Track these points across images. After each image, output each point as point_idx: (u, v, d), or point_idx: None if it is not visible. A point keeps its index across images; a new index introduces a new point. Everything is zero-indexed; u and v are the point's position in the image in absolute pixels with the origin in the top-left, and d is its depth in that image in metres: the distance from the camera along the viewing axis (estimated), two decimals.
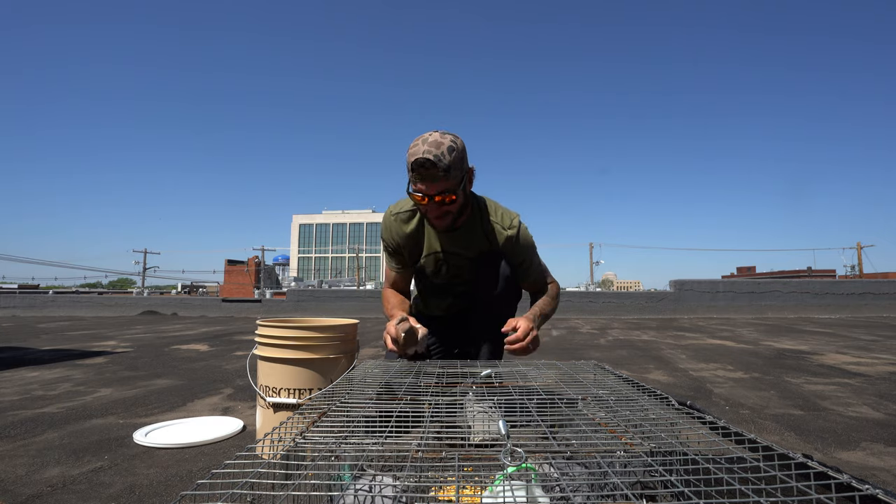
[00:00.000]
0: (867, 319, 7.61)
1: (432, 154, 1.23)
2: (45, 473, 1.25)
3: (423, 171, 1.25)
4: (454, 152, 1.27)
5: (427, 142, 1.26)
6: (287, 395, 1.26)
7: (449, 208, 1.34)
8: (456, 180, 1.29)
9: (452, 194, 1.30)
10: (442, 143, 1.26)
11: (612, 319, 8.09)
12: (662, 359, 3.42)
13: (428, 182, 1.27)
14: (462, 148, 1.31)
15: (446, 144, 1.26)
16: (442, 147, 1.25)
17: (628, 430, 0.68)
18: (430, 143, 1.25)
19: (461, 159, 1.30)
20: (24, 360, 3.36)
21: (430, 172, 1.25)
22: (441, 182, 1.27)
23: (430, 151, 1.24)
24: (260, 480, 0.47)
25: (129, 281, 63.16)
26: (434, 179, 1.26)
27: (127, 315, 9.46)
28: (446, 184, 1.28)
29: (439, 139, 1.26)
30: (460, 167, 1.30)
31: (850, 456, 1.40)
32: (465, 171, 1.34)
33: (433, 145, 1.25)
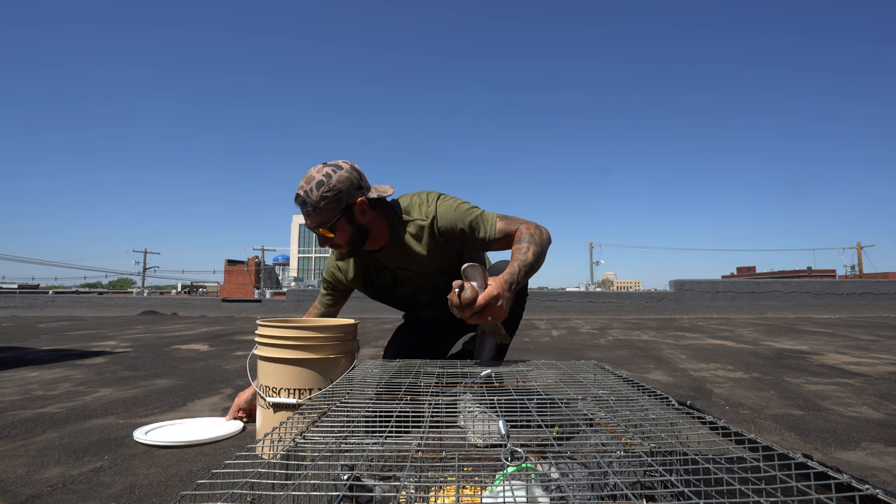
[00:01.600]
0: (867, 319, 7.61)
1: (302, 190, 1.29)
2: (45, 473, 1.25)
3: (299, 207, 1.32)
4: (323, 187, 1.27)
5: (305, 177, 1.31)
6: (287, 395, 1.26)
7: (334, 240, 1.35)
8: (329, 214, 1.30)
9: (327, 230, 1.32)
10: (313, 177, 1.29)
11: (612, 319, 8.08)
12: (662, 359, 3.42)
13: (305, 216, 1.33)
14: (340, 179, 1.29)
15: (316, 179, 1.28)
16: (311, 182, 1.28)
17: (628, 430, 0.67)
18: (306, 178, 1.30)
19: (335, 192, 1.28)
20: (24, 360, 3.36)
21: (302, 208, 1.30)
22: (313, 217, 1.30)
23: (301, 187, 1.29)
24: (260, 480, 0.47)
25: (129, 281, 63.15)
26: (307, 215, 1.31)
27: (127, 315, 9.45)
28: (318, 218, 1.30)
29: (313, 174, 1.29)
30: (334, 200, 1.29)
31: (850, 456, 1.40)
32: (347, 204, 1.31)
33: (306, 181, 1.29)
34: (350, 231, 1.34)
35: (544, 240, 1.31)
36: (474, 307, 1.08)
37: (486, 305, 1.09)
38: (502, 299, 1.12)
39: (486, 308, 1.10)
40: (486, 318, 1.11)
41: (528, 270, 1.23)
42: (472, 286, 1.09)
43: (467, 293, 1.07)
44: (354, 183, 1.32)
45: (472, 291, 1.08)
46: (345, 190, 1.30)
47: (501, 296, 1.12)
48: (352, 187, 1.31)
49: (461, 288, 1.07)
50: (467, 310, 1.08)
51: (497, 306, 1.11)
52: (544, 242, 1.30)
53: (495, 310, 1.11)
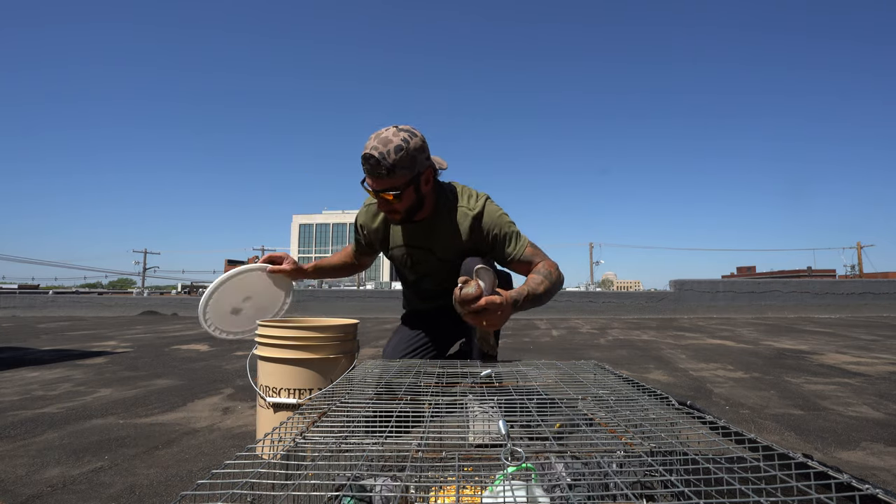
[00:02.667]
0: (867, 319, 7.61)
1: (377, 151, 1.23)
2: (45, 473, 1.25)
3: (367, 167, 1.26)
4: (401, 152, 1.24)
5: (378, 137, 1.25)
6: (287, 395, 1.26)
7: (395, 206, 1.33)
8: (402, 179, 1.28)
9: (393, 193, 1.29)
10: (391, 141, 1.24)
11: (612, 319, 8.08)
12: (662, 359, 3.42)
13: (373, 178, 1.28)
14: (416, 147, 1.27)
15: (394, 143, 1.24)
16: (389, 146, 1.24)
17: (628, 430, 0.67)
18: (380, 139, 1.25)
19: (411, 159, 1.26)
20: (24, 361, 3.36)
21: (374, 169, 1.25)
22: (385, 180, 1.27)
23: (376, 148, 1.24)
24: (260, 480, 0.47)
25: (129, 281, 63.15)
26: (378, 176, 1.26)
27: (127, 315, 9.45)
28: (390, 182, 1.27)
29: (390, 137, 1.25)
30: (409, 167, 1.27)
31: (850, 456, 1.40)
32: (418, 171, 1.30)
33: (381, 142, 1.24)
34: (412, 199, 1.34)
35: (557, 282, 1.37)
36: (475, 306, 1.10)
37: (486, 308, 1.11)
38: (502, 310, 1.15)
39: (486, 311, 1.12)
40: (481, 322, 1.13)
41: (533, 300, 1.29)
42: (479, 285, 1.10)
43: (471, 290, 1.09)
44: (425, 152, 1.32)
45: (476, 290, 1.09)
46: (418, 158, 1.29)
47: (503, 306, 1.15)
48: (423, 156, 1.31)
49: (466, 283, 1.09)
50: (467, 305, 1.10)
51: (496, 314, 1.13)
52: (557, 285, 1.36)
53: (493, 316, 1.13)
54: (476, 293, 1.09)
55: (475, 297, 1.09)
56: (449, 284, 1.40)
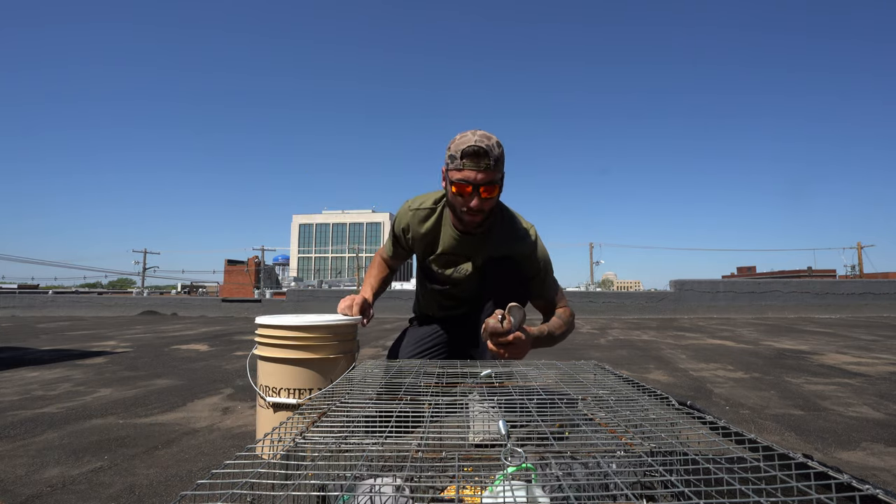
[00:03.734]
0: (867, 319, 7.61)
1: (484, 143, 1.27)
2: (44, 473, 1.25)
3: (474, 159, 1.28)
4: (501, 147, 1.32)
5: (477, 133, 1.30)
6: (287, 395, 1.26)
7: (488, 203, 1.34)
8: (499, 174, 1.33)
9: (496, 186, 1.32)
10: (491, 136, 1.31)
11: (613, 319, 8.08)
12: (662, 359, 3.42)
13: (477, 170, 1.29)
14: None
15: (495, 139, 1.31)
16: (492, 140, 1.30)
17: (628, 430, 0.67)
18: (479, 134, 1.29)
19: (503, 157, 1.34)
20: (23, 360, 3.36)
21: (480, 161, 1.28)
22: (490, 172, 1.29)
23: (482, 140, 1.27)
24: (260, 480, 0.47)
25: (128, 281, 63.17)
26: (483, 168, 1.29)
27: (127, 315, 9.45)
28: (493, 174, 1.30)
29: (488, 133, 1.31)
30: (503, 162, 1.34)
31: (851, 456, 1.40)
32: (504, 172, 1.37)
33: (483, 137, 1.29)
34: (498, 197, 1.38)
35: (571, 329, 1.48)
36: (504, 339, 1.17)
37: (513, 343, 1.18)
38: (525, 346, 1.23)
39: (512, 345, 1.19)
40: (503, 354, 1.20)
41: (547, 339, 1.38)
42: (510, 321, 1.18)
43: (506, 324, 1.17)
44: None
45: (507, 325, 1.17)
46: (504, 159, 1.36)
47: (527, 342, 1.23)
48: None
49: (503, 317, 1.17)
50: (496, 338, 1.17)
51: (519, 349, 1.21)
52: (570, 331, 1.48)
53: (517, 350, 1.20)
54: (507, 328, 1.16)
55: (505, 332, 1.16)
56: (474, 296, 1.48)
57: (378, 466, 0.77)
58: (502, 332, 1.15)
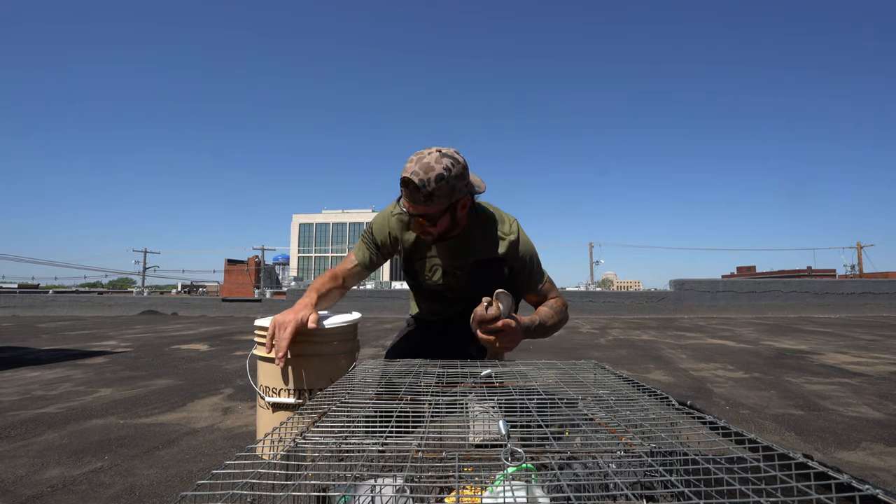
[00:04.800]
0: (867, 319, 7.61)
1: (417, 178, 1.21)
2: (45, 474, 1.25)
3: (406, 191, 1.25)
4: (441, 181, 1.22)
5: (420, 162, 1.23)
6: (287, 395, 1.26)
7: (429, 229, 1.33)
8: (439, 208, 1.27)
9: (429, 220, 1.29)
10: (433, 168, 1.22)
11: (612, 319, 8.08)
12: (662, 359, 3.42)
13: (409, 201, 1.26)
14: (457, 174, 1.26)
15: (436, 171, 1.21)
16: (430, 173, 1.21)
17: (628, 430, 0.67)
18: (422, 164, 1.22)
19: (450, 188, 1.25)
20: (24, 360, 3.36)
21: (412, 194, 1.23)
22: (421, 206, 1.25)
23: (417, 174, 1.21)
24: (260, 481, 0.47)
25: (129, 280, 63.12)
26: (415, 202, 1.25)
27: (127, 315, 9.45)
28: (426, 209, 1.26)
29: (432, 164, 1.22)
30: (447, 195, 1.25)
31: (851, 456, 1.40)
32: (455, 199, 1.29)
33: (423, 168, 1.22)
34: (447, 224, 1.34)
35: (564, 319, 1.46)
36: (492, 326, 1.16)
37: (502, 330, 1.17)
38: (515, 334, 1.21)
39: (502, 333, 1.17)
40: (494, 343, 1.19)
41: (542, 330, 1.36)
42: (499, 307, 1.16)
43: (493, 310, 1.15)
44: (464, 179, 1.30)
45: (496, 311, 1.15)
46: (457, 186, 1.28)
47: (516, 330, 1.21)
48: (462, 184, 1.30)
49: (489, 304, 1.15)
50: (485, 325, 1.16)
51: (509, 337, 1.19)
52: (563, 321, 1.45)
53: (506, 338, 1.19)
54: (495, 314, 1.14)
55: (493, 318, 1.14)
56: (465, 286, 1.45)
57: (378, 466, 0.77)
58: (489, 319, 1.14)
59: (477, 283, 1.44)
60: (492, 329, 1.16)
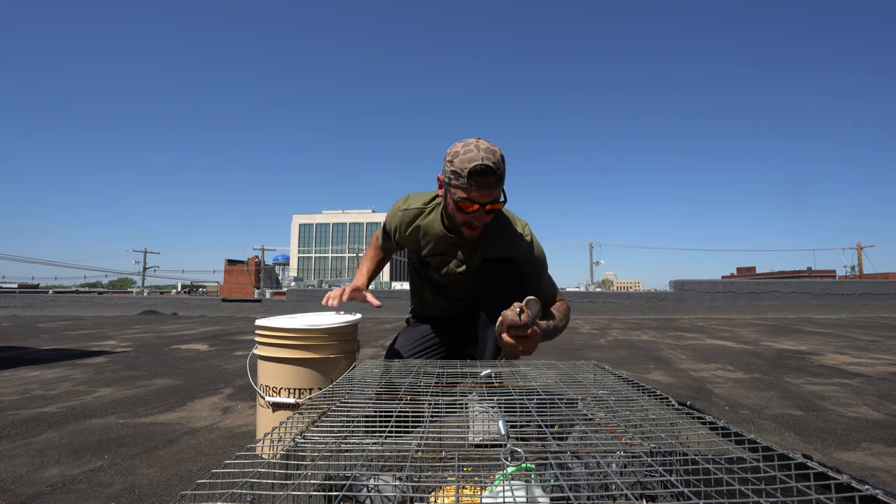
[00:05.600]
0: (867, 320, 7.61)
1: (491, 161, 1.21)
2: (44, 473, 1.25)
3: (481, 179, 1.22)
4: (504, 161, 1.27)
5: (481, 148, 1.23)
6: (287, 394, 1.26)
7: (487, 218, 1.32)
8: (501, 188, 1.29)
9: (499, 203, 1.30)
10: (496, 150, 1.25)
11: (612, 319, 8.08)
12: (662, 359, 3.42)
13: (483, 190, 1.24)
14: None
15: (499, 153, 1.25)
16: (497, 155, 1.24)
17: (628, 431, 0.67)
18: (484, 149, 1.22)
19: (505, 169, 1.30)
20: (23, 360, 3.36)
21: (487, 180, 1.22)
22: (496, 190, 1.26)
23: (488, 158, 1.21)
24: (260, 480, 0.47)
25: (129, 281, 63.09)
26: (490, 187, 1.24)
27: (127, 315, 9.45)
28: (499, 191, 1.27)
29: (491, 147, 1.25)
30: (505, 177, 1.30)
31: (850, 456, 1.40)
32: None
33: (489, 153, 1.22)
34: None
35: (568, 321, 1.49)
36: (522, 332, 1.18)
37: (530, 337, 1.19)
38: (538, 340, 1.24)
39: (528, 339, 1.20)
40: (517, 347, 1.20)
41: (552, 332, 1.39)
42: (529, 314, 1.18)
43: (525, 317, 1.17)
44: None
45: (528, 318, 1.17)
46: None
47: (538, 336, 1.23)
48: None
49: (521, 311, 1.16)
50: (514, 330, 1.17)
51: (534, 343, 1.22)
52: (567, 324, 1.49)
53: (531, 344, 1.22)
54: (525, 321, 1.16)
55: (524, 325, 1.16)
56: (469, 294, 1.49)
57: (378, 466, 0.77)
58: (521, 326, 1.15)
59: (483, 283, 1.45)
60: (521, 335, 1.18)
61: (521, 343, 1.19)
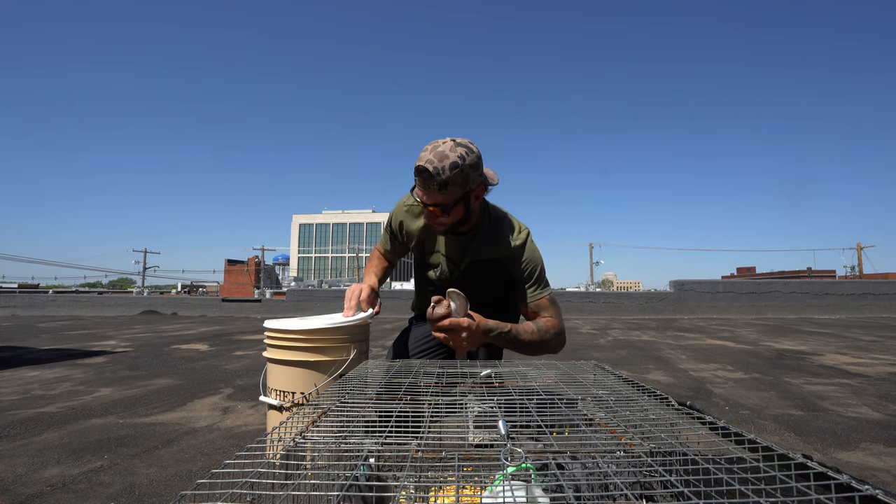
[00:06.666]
0: (867, 320, 7.61)
1: (432, 166, 1.21)
2: (44, 473, 1.25)
3: (420, 179, 1.24)
4: (456, 169, 1.22)
5: (435, 150, 1.23)
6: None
7: (441, 220, 1.32)
8: (453, 196, 1.26)
9: (442, 209, 1.28)
10: (447, 156, 1.22)
11: (612, 319, 8.08)
12: (662, 359, 3.42)
13: (423, 190, 1.26)
14: (471, 163, 1.25)
15: (451, 159, 1.21)
16: (445, 161, 1.21)
17: (628, 431, 0.68)
18: (436, 153, 1.22)
19: (464, 177, 1.24)
20: (23, 360, 3.36)
21: (426, 182, 1.23)
22: (436, 195, 1.25)
23: (431, 162, 1.21)
24: (260, 480, 0.47)
25: (129, 280, 63.09)
26: (429, 189, 1.24)
27: (127, 315, 9.45)
28: (440, 198, 1.25)
29: (447, 152, 1.22)
30: (461, 185, 1.25)
31: (850, 456, 1.40)
32: (469, 189, 1.29)
33: (438, 156, 1.22)
34: (460, 215, 1.33)
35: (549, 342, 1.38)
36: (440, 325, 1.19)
37: (451, 329, 1.20)
38: (468, 333, 1.21)
39: (450, 331, 1.20)
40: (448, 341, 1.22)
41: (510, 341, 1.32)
42: (448, 306, 1.19)
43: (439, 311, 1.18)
44: (479, 169, 1.30)
45: (444, 311, 1.18)
46: (471, 176, 1.27)
47: (469, 330, 1.20)
48: (476, 174, 1.29)
49: (437, 303, 1.18)
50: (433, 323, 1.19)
51: (459, 336, 1.20)
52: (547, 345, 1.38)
53: (456, 338, 1.21)
54: (443, 313, 1.17)
55: (442, 316, 1.17)
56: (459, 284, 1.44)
57: (377, 466, 0.77)
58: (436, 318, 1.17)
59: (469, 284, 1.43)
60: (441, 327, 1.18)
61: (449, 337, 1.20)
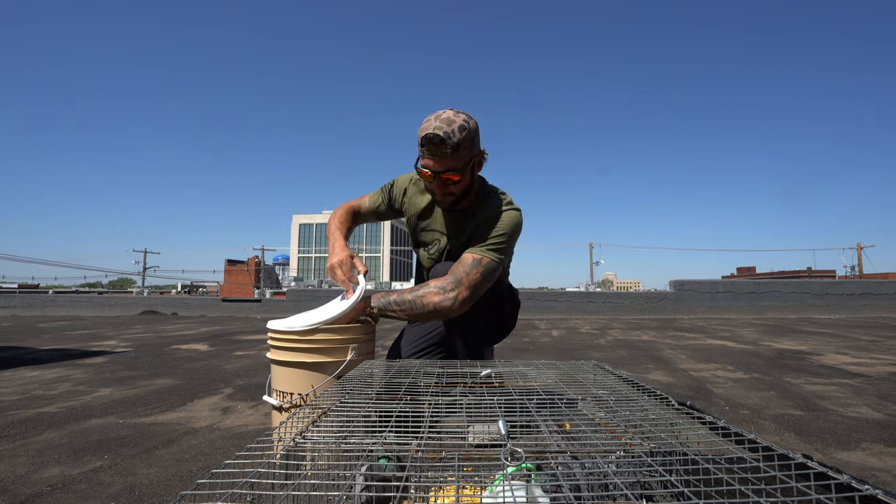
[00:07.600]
0: (867, 320, 7.61)
1: (442, 130, 1.22)
2: (44, 473, 1.25)
3: (431, 147, 1.24)
4: (465, 131, 1.25)
5: (439, 118, 1.25)
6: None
7: (452, 188, 1.32)
8: (463, 160, 1.28)
9: (457, 174, 1.29)
10: (454, 120, 1.24)
11: (612, 319, 8.08)
12: (662, 359, 3.42)
13: (435, 159, 1.26)
14: (474, 128, 1.29)
15: (458, 123, 1.24)
16: (453, 125, 1.24)
17: (628, 431, 0.67)
18: (442, 119, 1.24)
19: (471, 140, 1.28)
20: (23, 360, 3.36)
21: (438, 149, 1.24)
22: (448, 160, 1.26)
23: (440, 128, 1.23)
24: (260, 480, 0.47)
25: (128, 280, 63.03)
26: (441, 157, 1.25)
27: (127, 315, 9.45)
28: (453, 162, 1.26)
29: (452, 117, 1.25)
30: (469, 147, 1.28)
31: (850, 456, 1.40)
32: (475, 154, 1.31)
33: (444, 122, 1.24)
34: (467, 182, 1.33)
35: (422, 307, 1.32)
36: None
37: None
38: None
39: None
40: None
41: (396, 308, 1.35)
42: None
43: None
44: (479, 135, 1.32)
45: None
46: (476, 140, 1.30)
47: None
48: (478, 138, 1.32)
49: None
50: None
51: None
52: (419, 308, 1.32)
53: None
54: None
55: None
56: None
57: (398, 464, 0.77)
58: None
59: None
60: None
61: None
